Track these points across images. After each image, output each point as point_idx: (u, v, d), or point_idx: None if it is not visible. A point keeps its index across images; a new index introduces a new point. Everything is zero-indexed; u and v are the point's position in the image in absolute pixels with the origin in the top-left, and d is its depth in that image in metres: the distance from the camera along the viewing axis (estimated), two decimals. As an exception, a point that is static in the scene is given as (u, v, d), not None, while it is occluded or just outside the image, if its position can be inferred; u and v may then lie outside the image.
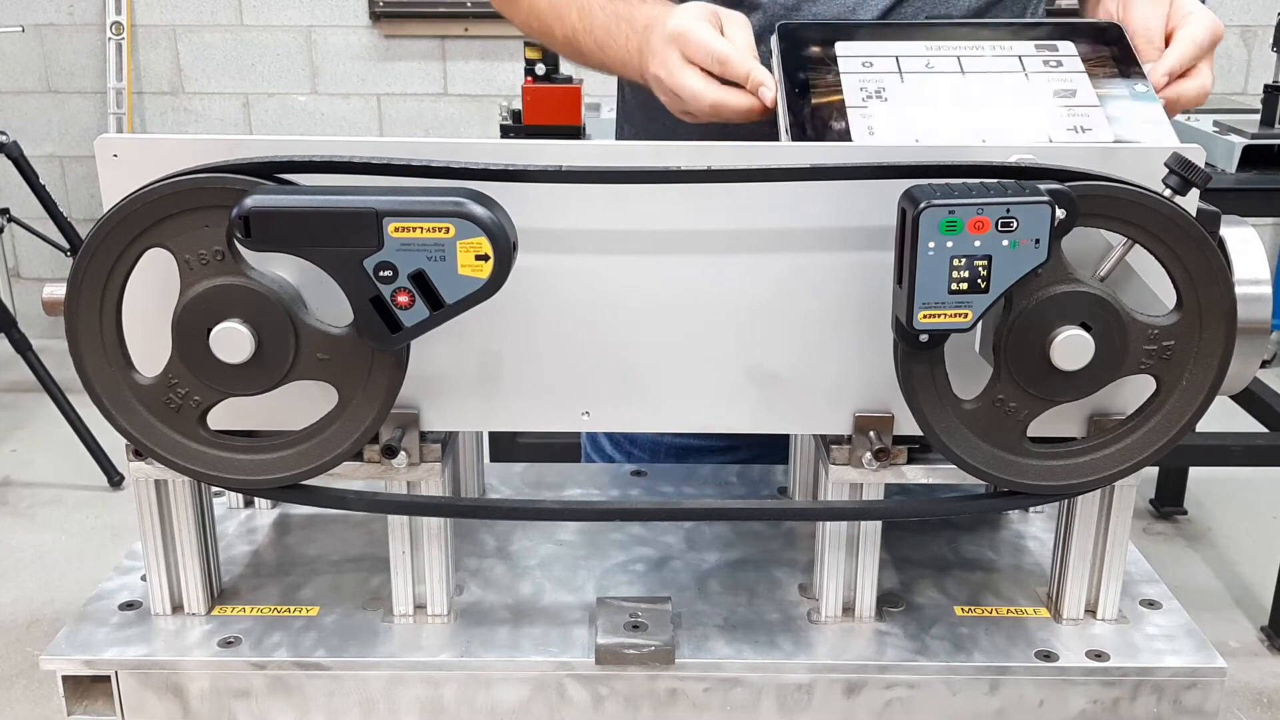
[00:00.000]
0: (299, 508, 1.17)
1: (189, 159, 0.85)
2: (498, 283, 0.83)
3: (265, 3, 4.35)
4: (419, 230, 0.81)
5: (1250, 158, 2.59)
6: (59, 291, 0.87)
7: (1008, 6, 1.28)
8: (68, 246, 3.86)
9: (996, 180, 0.83)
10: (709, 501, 1.18)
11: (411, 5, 4.30)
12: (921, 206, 0.80)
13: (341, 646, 0.97)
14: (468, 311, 0.84)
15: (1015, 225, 0.80)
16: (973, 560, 1.11)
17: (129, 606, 1.02)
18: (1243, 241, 0.92)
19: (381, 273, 0.82)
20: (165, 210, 0.83)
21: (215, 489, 1.04)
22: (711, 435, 1.32)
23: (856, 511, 0.97)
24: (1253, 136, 2.61)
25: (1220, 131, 2.69)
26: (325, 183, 0.84)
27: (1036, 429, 0.90)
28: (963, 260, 0.81)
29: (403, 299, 0.82)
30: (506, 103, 3.17)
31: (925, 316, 0.82)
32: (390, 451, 0.93)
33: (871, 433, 0.94)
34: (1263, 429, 2.96)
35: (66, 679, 0.96)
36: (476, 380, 0.95)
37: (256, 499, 1.19)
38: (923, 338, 0.84)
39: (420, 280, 0.82)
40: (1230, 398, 1.09)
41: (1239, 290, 0.86)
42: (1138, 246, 0.86)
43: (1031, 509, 1.19)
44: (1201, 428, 0.95)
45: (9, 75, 4.49)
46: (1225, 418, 2.57)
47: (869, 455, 0.94)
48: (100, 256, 0.85)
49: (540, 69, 2.98)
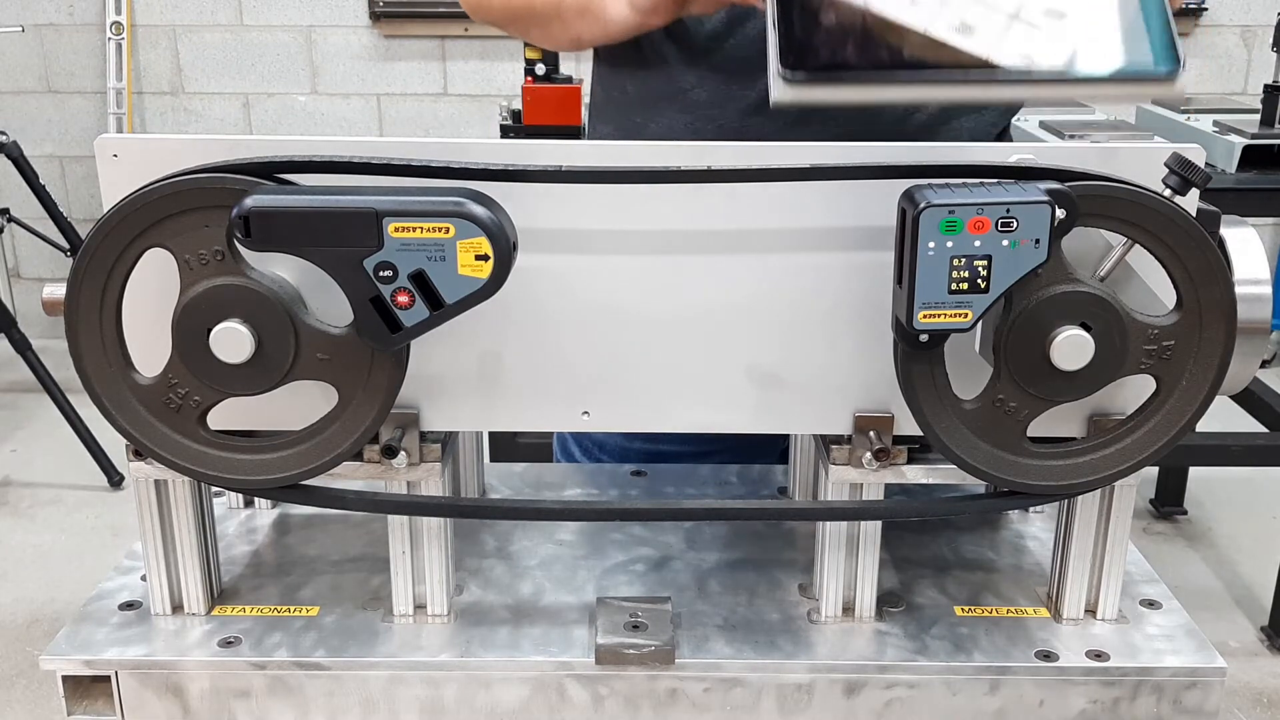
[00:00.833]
0: (299, 508, 1.17)
1: (189, 159, 0.85)
2: (498, 283, 0.83)
3: (265, 3, 4.35)
4: (419, 230, 0.81)
5: (1250, 158, 2.59)
6: (59, 291, 0.87)
7: None
8: (68, 246, 3.86)
9: (996, 180, 0.84)
10: (709, 501, 1.18)
11: (411, 5, 4.30)
12: (921, 206, 0.80)
13: (341, 646, 0.97)
14: (467, 311, 0.84)
15: (1015, 225, 0.80)
16: (973, 560, 1.11)
17: (129, 606, 1.02)
18: (1243, 241, 0.92)
19: (381, 273, 0.82)
20: (165, 210, 0.83)
21: (215, 489, 1.04)
22: (687, 439, 1.29)
23: (856, 511, 0.97)
24: (1253, 136, 2.61)
25: (1220, 131, 2.69)
26: (325, 183, 0.84)
27: (1036, 429, 0.90)
28: (963, 260, 0.81)
29: (403, 299, 0.82)
30: (506, 103, 3.17)
31: (925, 316, 0.82)
32: (390, 451, 0.93)
33: (871, 433, 0.94)
34: (1263, 429, 2.96)
35: (66, 679, 0.96)
36: (476, 380, 0.95)
37: (256, 499, 1.19)
38: (923, 338, 0.84)
39: (420, 280, 0.82)
40: (1230, 398, 1.09)
41: (1239, 290, 0.86)
42: (1138, 246, 0.86)
43: (1031, 509, 1.19)
44: (1201, 428, 0.95)
45: (9, 75, 4.49)
46: (1225, 418, 2.57)
47: (869, 455, 0.94)
48: (100, 256, 0.84)
49: (540, 69, 2.98)
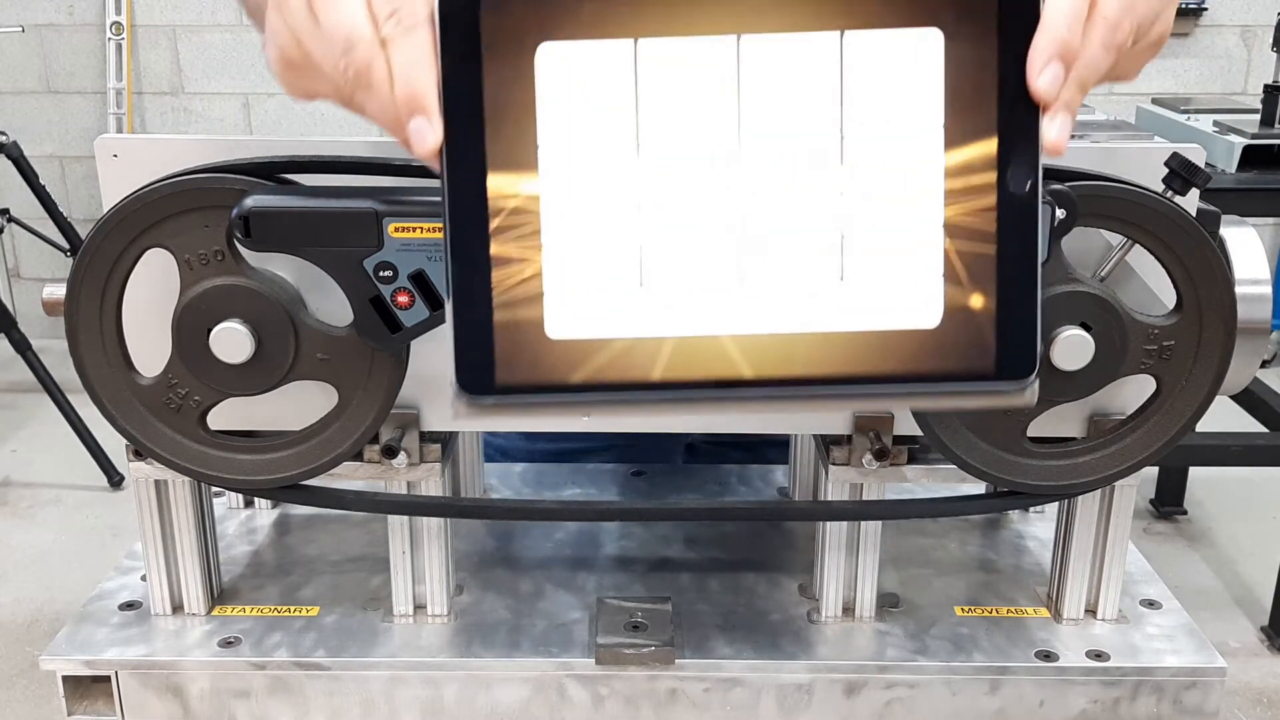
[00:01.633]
0: (299, 508, 1.17)
1: (189, 159, 0.85)
2: (498, 283, 0.83)
3: (265, 3, 4.35)
4: (419, 230, 0.80)
5: (1250, 158, 2.59)
6: (59, 291, 0.87)
7: None
8: (68, 246, 3.87)
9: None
10: (709, 501, 1.18)
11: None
12: (921, 206, 0.80)
13: (341, 646, 0.97)
14: (468, 311, 0.84)
15: (1015, 225, 0.80)
16: (973, 560, 1.11)
17: (129, 606, 1.02)
18: (1243, 241, 0.92)
19: (381, 273, 0.82)
20: (165, 210, 0.83)
21: (215, 489, 1.04)
22: (591, 437, 1.26)
23: (856, 511, 0.97)
24: (1253, 136, 2.61)
25: (1220, 131, 2.69)
26: (325, 183, 0.84)
27: (1036, 429, 0.90)
28: (963, 260, 0.81)
29: (403, 299, 0.82)
30: (506, 103, 3.17)
31: (925, 316, 0.82)
32: (390, 451, 0.93)
33: (871, 433, 0.94)
34: (1263, 429, 2.97)
35: (66, 679, 0.96)
36: (476, 380, 0.94)
37: (256, 499, 1.19)
38: (923, 338, 0.84)
39: (420, 280, 0.82)
40: (1230, 398, 1.09)
41: (1239, 290, 0.86)
42: (1138, 246, 0.86)
43: (1031, 509, 1.19)
44: (1201, 428, 0.95)
45: (9, 75, 4.50)
46: (1225, 418, 2.57)
47: (869, 455, 0.94)
48: (100, 256, 0.84)
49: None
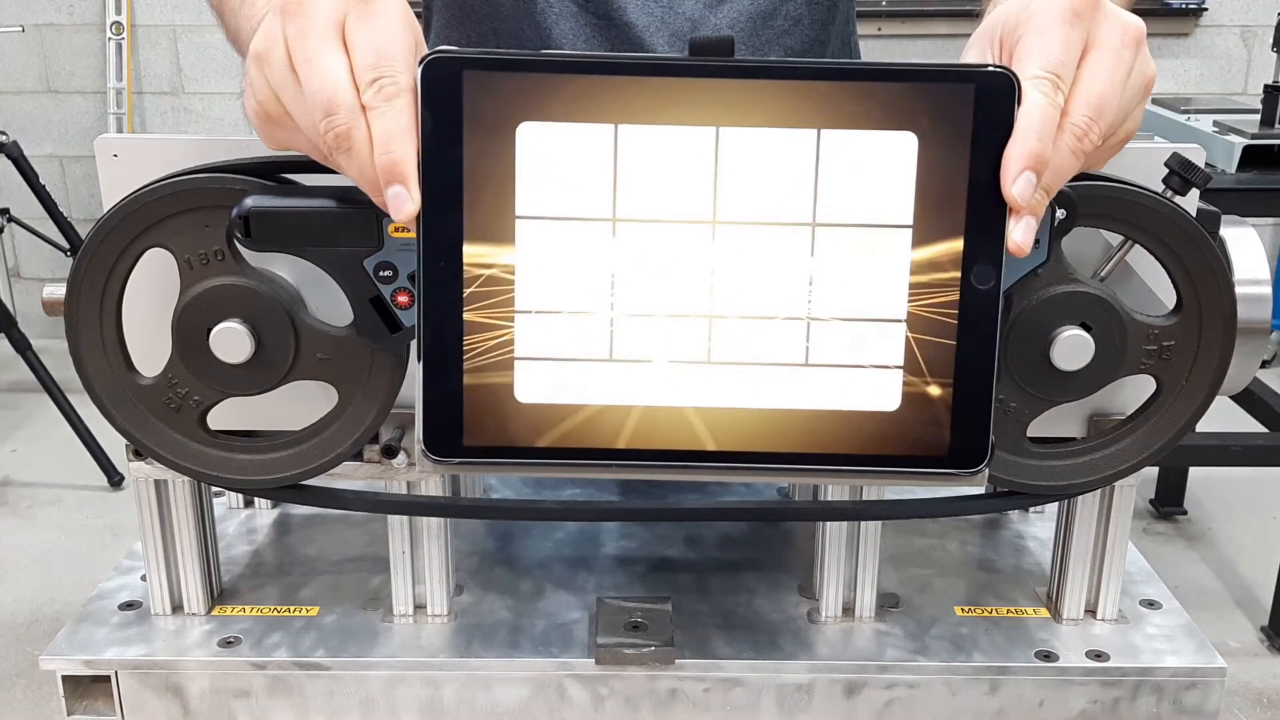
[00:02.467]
0: (299, 508, 1.17)
1: (189, 159, 0.85)
2: (498, 283, 0.83)
3: (265, 3, 4.35)
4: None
5: (1250, 158, 2.59)
6: (59, 291, 0.87)
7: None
8: (68, 246, 3.87)
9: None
10: (709, 501, 1.18)
11: (411, 5, 4.30)
12: (921, 206, 0.80)
13: (341, 646, 0.97)
14: (468, 311, 0.84)
15: (1015, 225, 0.80)
16: (973, 560, 1.11)
17: (129, 606, 1.02)
18: (1243, 241, 0.92)
19: (381, 273, 0.82)
20: (165, 210, 0.83)
21: (215, 489, 1.04)
22: None
23: (856, 511, 0.97)
24: (1253, 136, 2.62)
25: (1220, 131, 2.69)
26: (325, 183, 0.84)
27: (1036, 429, 0.90)
28: (963, 260, 0.81)
29: (403, 299, 0.82)
30: (506, 103, 3.17)
31: (925, 316, 0.82)
32: (390, 451, 0.93)
33: (871, 433, 0.94)
34: (1263, 429, 2.97)
35: (66, 679, 0.96)
36: (476, 380, 0.94)
37: (256, 499, 1.19)
38: (923, 338, 0.84)
39: (420, 280, 0.82)
40: (1230, 398, 1.09)
41: (1239, 290, 0.86)
42: (1138, 246, 0.86)
43: (1031, 509, 1.19)
44: (1201, 428, 0.95)
45: (9, 75, 4.50)
46: (1225, 418, 2.57)
47: (869, 455, 0.94)
48: (100, 256, 0.84)
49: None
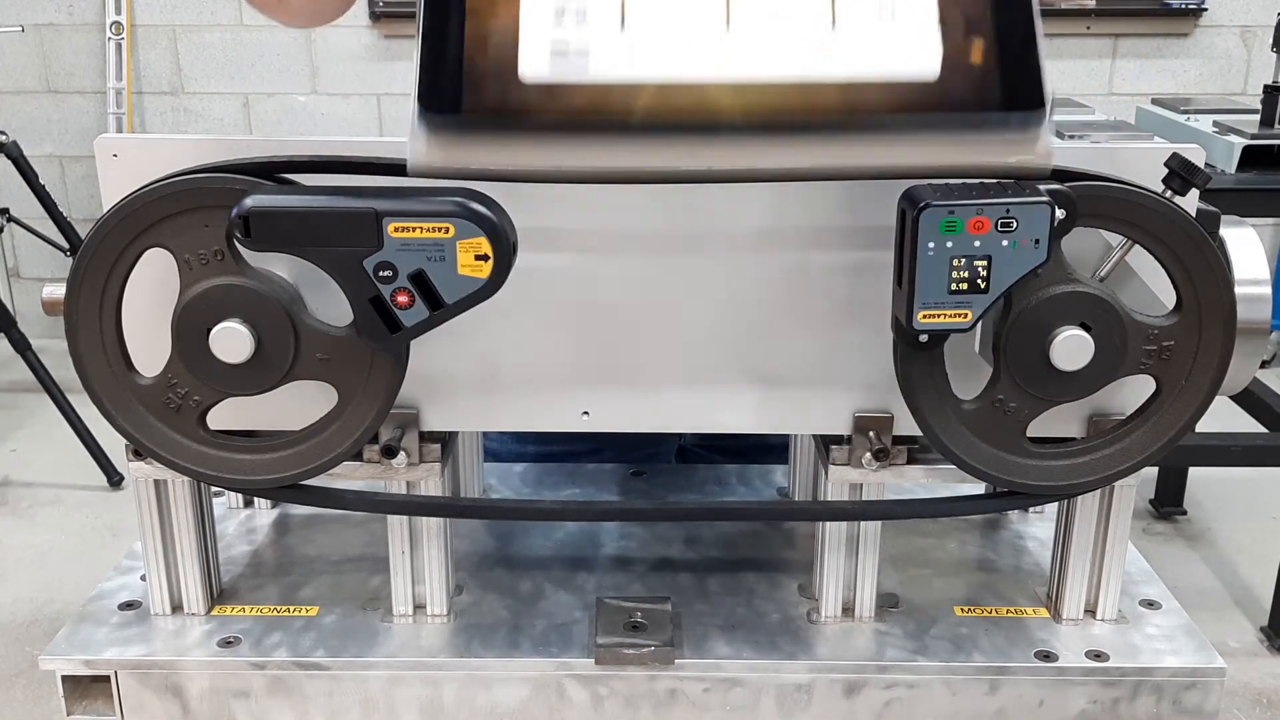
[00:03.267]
0: (299, 508, 1.17)
1: (189, 159, 0.85)
2: (497, 283, 0.83)
3: (265, 3, 4.35)
4: (419, 230, 0.80)
5: (1250, 158, 2.59)
6: (59, 291, 0.87)
7: None
8: (67, 246, 3.87)
9: (996, 180, 0.83)
10: (709, 501, 1.18)
11: (411, 5, 4.26)
12: (921, 206, 0.80)
13: (341, 646, 0.97)
14: (468, 311, 0.84)
15: (1015, 225, 0.80)
16: (973, 560, 1.11)
17: (129, 606, 1.02)
18: (1243, 241, 0.92)
19: (381, 273, 0.82)
20: (165, 210, 0.83)
21: (215, 489, 1.04)
22: (576, 438, 1.24)
23: (856, 511, 0.97)
24: (1253, 136, 2.61)
25: (1220, 131, 2.69)
26: (325, 183, 0.84)
27: (1036, 429, 0.90)
28: (962, 260, 0.81)
29: (402, 299, 0.82)
30: (506, 103, 3.17)
31: (925, 317, 0.82)
32: (390, 451, 0.93)
33: (871, 433, 0.94)
34: (1263, 429, 2.96)
35: (66, 679, 0.96)
36: (476, 380, 0.95)
37: (256, 499, 1.19)
38: (922, 338, 0.84)
39: (420, 280, 0.82)
40: (1230, 398, 1.09)
41: (1239, 290, 0.86)
42: (1138, 246, 0.86)
43: (1031, 509, 1.19)
44: (1201, 428, 0.95)
45: (9, 75, 4.49)
46: (1225, 418, 2.56)
47: (869, 455, 0.94)
48: (100, 256, 0.84)
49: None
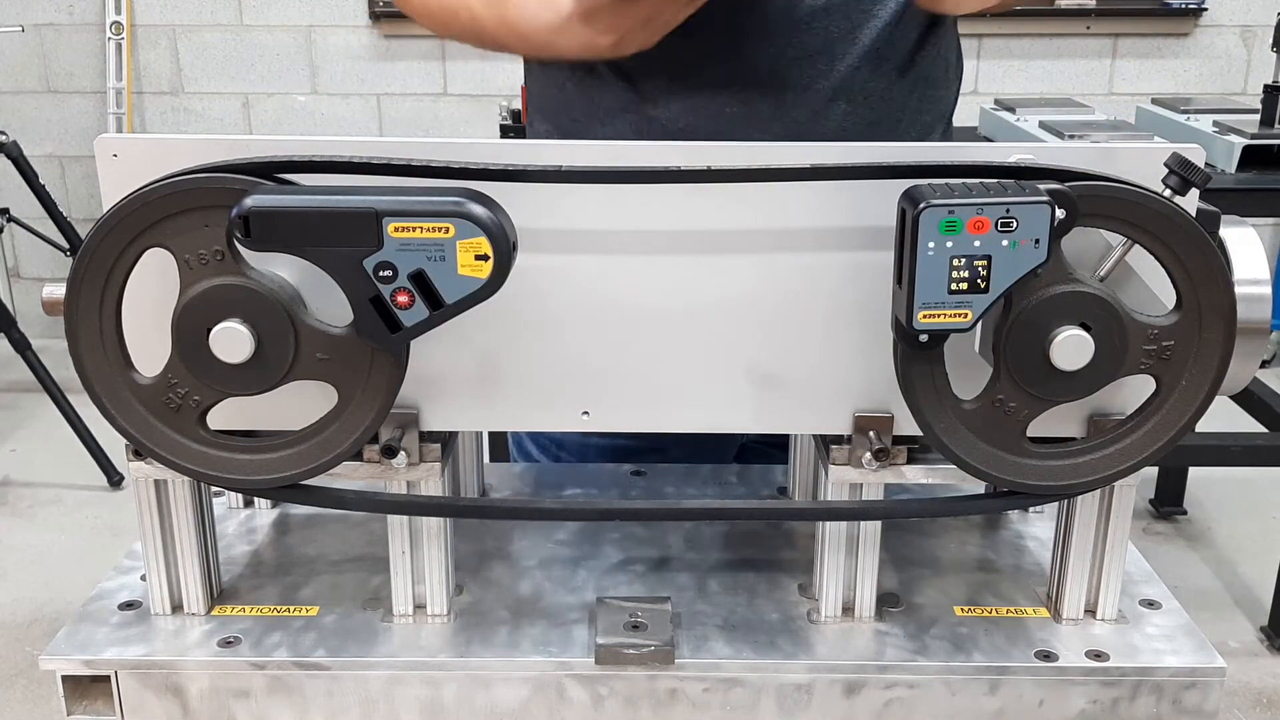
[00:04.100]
0: (299, 508, 1.17)
1: (189, 159, 0.85)
2: (497, 283, 0.83)
3: (265, 3, 4.35)
4: (419, 230, 0.81)
5: (1250, 158, 2.59)
6: (59, 291, 0.87)
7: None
8: (67, 246, 3.86)
9: (996, 180, 0.83)
10: (709, 501, 1.18)
11: (411, 5, 4.29)
12: (921, 206, 0.80)
13: (341, 646, 0.97)
14: (468, 311, 0.84)
15: (1015, 225, 0.80)
16: (973, 560, 1.11)
17: (129, 606, 1.02)
18: (1243, 241, 0.92)
19: (381, 273, 0.82)
20: (165, 210, 0.83)
21: (215, 489, 1.04)
22: (643, 436, 1.26)
23: (856, 511, 0.97)
24: (1253, 136, 2.61)
25: (1220, 131, 2.69)
26: (325, 183, 0.84)
27: (1036, 429, 0.90)
28: (962, 260, 0.81)
29: (402, 299, 0.82)
30: (506, 103, 3.17)
31: (925, 316, 0.82)
32: (390, 451, 0.93)
33: (871, 433, 0.94)
34: (1263, 429, 2.96)
35: (66, 679, 0.96)
36: (476, 380, 0.95)
37: (256, 499, 1.19)
38: (922, 338, 0.84)
39: (420, 280, 0.82)
40: (1230, 398, 1.09)
41: (1239, 290, 0.86)
42: (1138, 246, 0.86)
43: (1031, 509, 1.19)
44: (1201, 428, 0.95)
45: (9, 75, 4.49)
46: (1225, 418, 2.56)
47: (869, 455, 0.94)
48: (100, 256, 0.84)
49: (540, 69, 2.97)
